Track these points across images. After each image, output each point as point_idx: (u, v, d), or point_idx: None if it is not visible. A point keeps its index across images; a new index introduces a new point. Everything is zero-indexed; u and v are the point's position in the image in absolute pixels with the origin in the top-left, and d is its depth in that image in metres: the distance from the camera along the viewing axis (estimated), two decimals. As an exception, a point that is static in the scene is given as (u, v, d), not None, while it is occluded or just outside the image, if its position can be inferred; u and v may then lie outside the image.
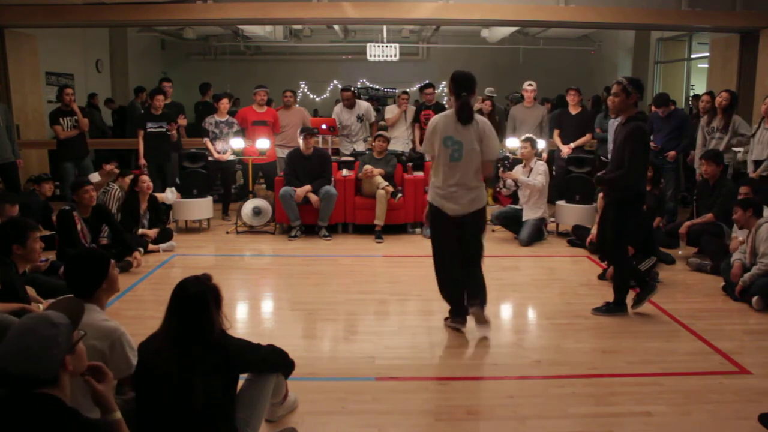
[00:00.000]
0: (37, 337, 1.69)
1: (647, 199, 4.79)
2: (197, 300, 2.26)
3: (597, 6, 8.13)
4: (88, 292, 2.49)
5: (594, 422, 2.94)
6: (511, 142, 6.82)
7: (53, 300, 3.14)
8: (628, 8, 8.19)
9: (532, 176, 6.42)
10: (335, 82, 15.71)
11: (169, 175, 7.50)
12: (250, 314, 4.65)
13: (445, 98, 12.93)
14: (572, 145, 7.37)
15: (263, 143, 7.01)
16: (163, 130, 7.28)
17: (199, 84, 9.67)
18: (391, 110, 8.17)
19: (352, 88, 7.93)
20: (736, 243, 5.17)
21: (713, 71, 9.24)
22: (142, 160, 7.26)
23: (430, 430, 2.93)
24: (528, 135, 6.71)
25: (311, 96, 16.09)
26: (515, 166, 6.78)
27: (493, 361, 3.64)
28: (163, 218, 6.47)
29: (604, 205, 4.46)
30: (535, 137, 6.73)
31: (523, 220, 6.51)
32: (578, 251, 6.15)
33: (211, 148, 7.32)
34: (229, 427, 2.32)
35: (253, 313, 4.71)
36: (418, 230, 6.91)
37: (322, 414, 3.01)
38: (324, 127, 7.91)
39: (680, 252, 5.93)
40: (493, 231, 6.79)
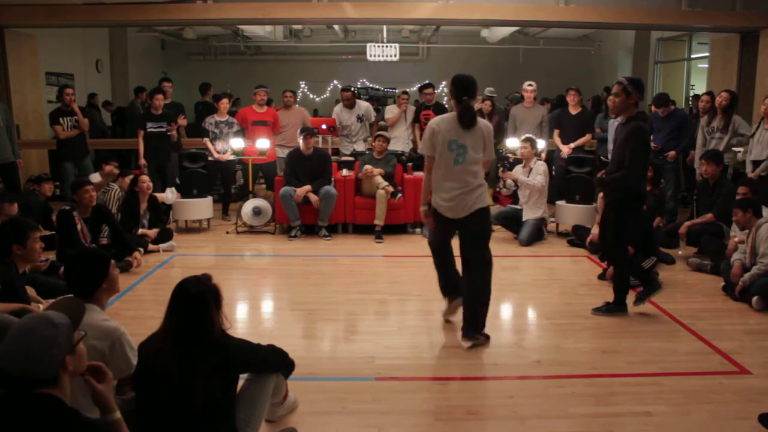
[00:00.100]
0: (37, 337, 1.69)
1: (647, 199, 4.79)
2: (197, 300, 2.26)
3: (597, 6, 8.14)
4: (89, 292, 2.49)
5: (594, 422, 2.94)
6: (512, 142, 6.82)
7: (53, 300, 3.15)
8: (628, 8, 8.19)
9: (532, 176, 6.42)
10: (335, 82, 15.71)
11: (169, 175, 7.50)
12: (250, 314, 4.65)
13: (445, 98, 12.95)
14: (572, 145, 7.37)
15: (263, 143, 7.01)
16: (163, 130, 7.28)
17: (199, 84, 9.68)
18: (391, 110, 8.17)
19: (352, 88, 7.93)
20: (732, 244, 5.18)
21: (713, 71, 9.24)
22: (142, 160, 7.26)
23: (430, 430, 2.93)
24: (528, 135, 6.71)
25: (311, 96, 16.09)
26: (515, 166, 6.79)
27: (493, 361, 3.64)
28: (163, 218, 6.47)
29: (605, 205, 4.46)
30: (534, 137, 6.73)
31: (523, 220, 6.51)
32: (578, 251, 6.16)
33: (211, 148, 7.32)
34: (229, 427, 2.32)
35: (253, 313, 4.71)
36: (418, 230, 6.91)
37: (322, 414, 3.01)
38: (324, 127, 7.91)
39: (680, 252, 5.93)
40: (493, 231, 6.77)
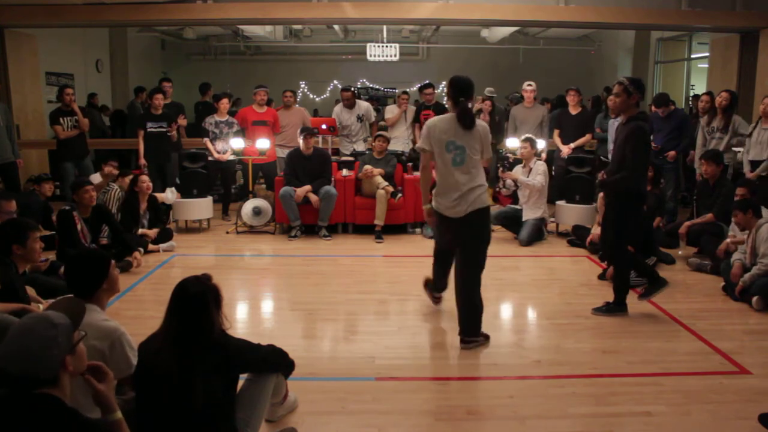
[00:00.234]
0: (37, 337, 1.69)
1: (647, 199, 4.79)
2: (197, 300, 2.26)
3: (597, 6, 8.13)
4: (89, 293, 2.49)
5: (594, 422, 2.94)
6: (512, 142, 6.82)
7: (53, 300, 3.14)
8: (628, 8, 8.19)
9: (532, 176, 6.42)
10: (335, 82, 15.71)
11: (169, 175, 7.50)
12: (250, 314, 4.65)
13: (445, 98, 12.92)
14: (572, 145, 7.37)
15: (263, 143, 7.01)
16: (164, 130, 7.28)
17: (199, 84, 9.68)
18: (391, 110, 8.17)
19: (352, 88, 7.93)
20: (724, 245, 5.19)
21: (713, 71, 9.24)
22: (142, 160, 7.25)
23: (430, 430, 2.93)
24: (527, 135, 6.71)
25: (311, 96, 16.09)
26: (515, 166, 6.78)
27: (493, 361, 3.64)
28: (162, 218, 6.47)
29: (605, 205, 4.46)
30: (534, 137, 6.73)
31: (523, 220, 6.51)
32: (578, 251, 6.15)
33: (211, 148, 7.32)
34: (229, 427, 2.32)
35: (253, 313, 4.71)
36: (418, 230, 6.91)
37: (322, 414, 3.01)
38: (324, 127, 7.91)
39: (680, 252, 5.93)
40: (493, 231, 6.77)
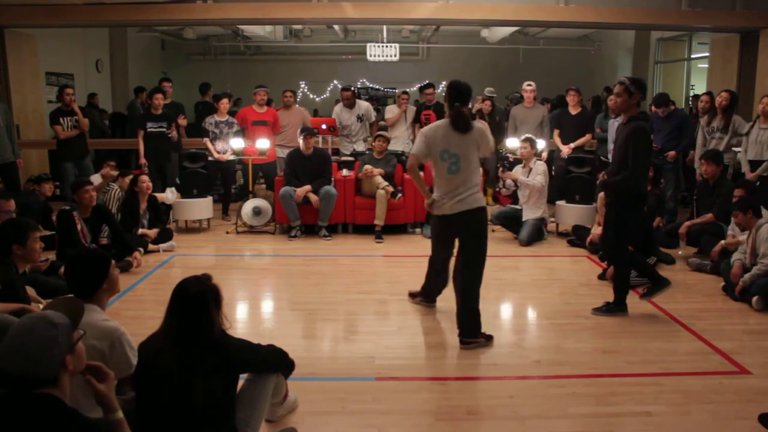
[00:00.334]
0: (37, 337, 1.69)
1: (647, 199, 4.78)
2: (197, 300, 2.26)
3: (597, 6, 8.13)
4: (89, 293, 2.49)
5: (594, 422, 2.94)
6: (512, 142, 6.82)
7: (51, 300, 3.14)
8: (628, 8, 8.19)
9: (532, 176, 6.42)
10: (335, 82, 15.71)
11: (169, 175, 7.49)
12: (250, 314, 4.65)
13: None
14: (572, 145, 7.37)
15: (263, 143, 7.00)
16: (163, 130, 7.28)
17: (199, 84, 9.67)
18: (391, 110, 8.16)
19: (352, 88, 7.93)
20: (719, 247, 5.20)
21: (713, 71, 9.24)
22: (143, 159, 7.25)
23: (430, 430, 2.93)
24: (527, 135, 6.70)
25: (311, 96, 16.09)
26: (515, 166, 6.78)
27: (493, 361, 3.64)
28: (162, 218, 6.47)
29: (606, 205, 4.46)
30: (534, 137, 6.73)
31: (523, 220, 6.51)
32: (578, 251, 6.15)
33: (211, 148, 7.32)
34: (229, 427, 2.32)
35: (253, 313, 4.71)
36: (418, 230, 6.92)
37: (322, 414, 3.01)
38: (324, 127, 7.91)
39: (680, 252, 5.92)
40: (493, 231, 6.79)
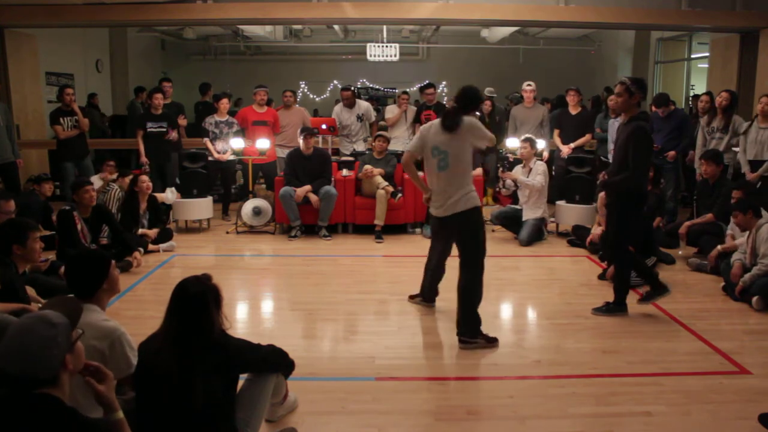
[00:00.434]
0: (36, 337, 1.69)
1: (647, 199, 4.78)
2: (197, 300, 2.26)
3: (597, 6, 8.13)
4: (89, 293, 2.49)
5: (594, 422, 2.94)
6: (512, 142, 6.82)
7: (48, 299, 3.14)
8: (628, 8, 8.19)
9: (532, 176, 6.42)
10: (335, 82, 15.71)
11: (169, 175, 7.49)
12: (250, 314, 4.65)
13: (446, 98, 12.96)
14: (572, 145, 7.37)
15: (263, 143, 7.00)
16: (163, 130, 7.28)
17: (199, 84, 9.68)
18: (391, 110, 8.16)
19: (352, 88, 7.93)
20: (715, 252, 5.18)
21: (713, 71, 9.23)
22: (144, 158, 7.24)
23: (430, 430, 2.93)
24: (527, 135, 6.71)
25: (311, 96, 16.09)
26: (515, 166, 6.78)
27: (493, 361, 3.64)
28: (162, 218, 6.47)
29: (606, 205, 4.46)
30: (534, 137, 6.73)
31: (523, 220, 6.51)
32: (578, 251, 6.15)
33: (211, 148, 7.32)
34: (229, 427, 2.32)
35: (253, 313, 4.71)
36: (418, 230, 6.91)
37: (322, 414, 3.01)
38: (324, 127, 7.91)
39: (680, 252, 5.93)
40: (494, 231, 6.79)
